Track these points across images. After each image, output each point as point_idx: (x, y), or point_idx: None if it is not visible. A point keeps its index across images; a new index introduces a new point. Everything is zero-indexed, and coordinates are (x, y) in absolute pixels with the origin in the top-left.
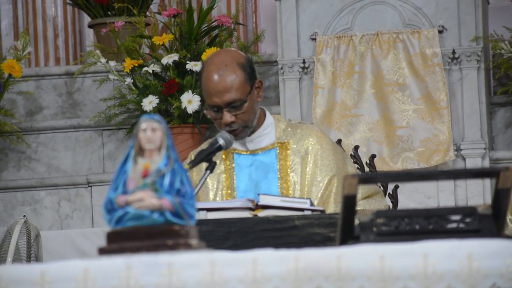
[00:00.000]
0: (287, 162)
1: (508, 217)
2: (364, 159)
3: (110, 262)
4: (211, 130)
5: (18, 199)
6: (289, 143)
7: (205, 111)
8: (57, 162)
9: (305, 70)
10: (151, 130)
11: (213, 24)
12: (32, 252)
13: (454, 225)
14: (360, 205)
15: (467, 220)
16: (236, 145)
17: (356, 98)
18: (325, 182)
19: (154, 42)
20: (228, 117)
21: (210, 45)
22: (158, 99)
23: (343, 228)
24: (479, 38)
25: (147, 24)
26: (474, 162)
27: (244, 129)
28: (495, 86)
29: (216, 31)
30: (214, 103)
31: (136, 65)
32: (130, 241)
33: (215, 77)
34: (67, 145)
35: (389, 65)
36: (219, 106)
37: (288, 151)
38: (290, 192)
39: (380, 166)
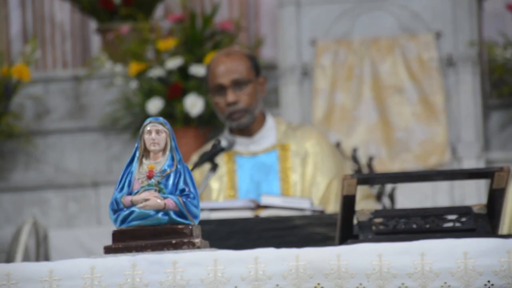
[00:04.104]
0: (287, 164)
1: None
2: (363, 161)
3: (115, 260)
4: (213, 132)
5: (27, 199)
6: (289, 145)
7: (209, 96)
8: (64, 163)
9: (305, 74)
10: (155, 132)
11: (216, 29)
12: (40, 252)
13: (450, 224)
14: (361, 205)
15: (463, 219)
16: (238, 147)
17: (355, 101)
18: (325, 184)
19: (159, 47)
20: (231, 96)
21: (213, 49)
22: (162, 103)
23: (343, 227)
24: (475, 43)
25: (152, 29)
26: (470, 163)
27: (245, 114)
28: (490, 90)
29: (219, 36)
30: (220, 82)
31: (141, 69)
32: (135, 240)
33: (224, 58)
34: (74, 147)
35: (387, 69)
36: (224, 86)
37: (288, 153)
38: (291, 192)
39: (378, 167)
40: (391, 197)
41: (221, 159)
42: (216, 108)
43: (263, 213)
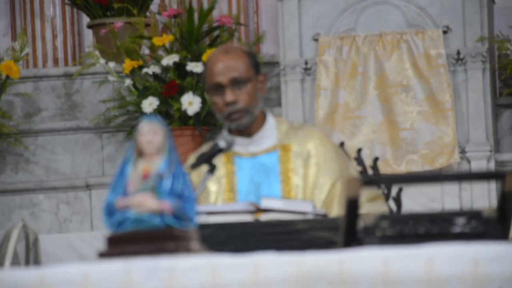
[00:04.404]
0: (289, 165)
1: None
2: (368, 162)
3: (109, 266)
4: (212, 132)
5: (16, 202)
6: (291, 145)
7: (206, 95)
8: (55, 164)
9: (308, 71)
10: (151, 132)
11: (214, 24)
12: (30, 257)
13: (459, 229)
14: (365, 208)
15: (472, 223)
16: (237, 147)
17: (359, 100)
18: (329, 186)
19: (154, 43)
20: (230, 95)
21: (211, 45)
22: (158, 101)
23: (346, 231)
24: (484, 38)
25: (147, 25)
26: (479, 164)
27: (244, 114)
28: (500, 88)
29: (217, 32)
30: (218, 81)
31: (136, 66)
32: (130, 245)
33: (222, 56)
34: (65, 148)
35: (393, 66)
36: (222, 85)
37: (290, 154)
38: (292, 195)
39: (383, 168)
40: (397, 200)
41: (219, 160)
42: (214, 107)
43: (264, 217)
